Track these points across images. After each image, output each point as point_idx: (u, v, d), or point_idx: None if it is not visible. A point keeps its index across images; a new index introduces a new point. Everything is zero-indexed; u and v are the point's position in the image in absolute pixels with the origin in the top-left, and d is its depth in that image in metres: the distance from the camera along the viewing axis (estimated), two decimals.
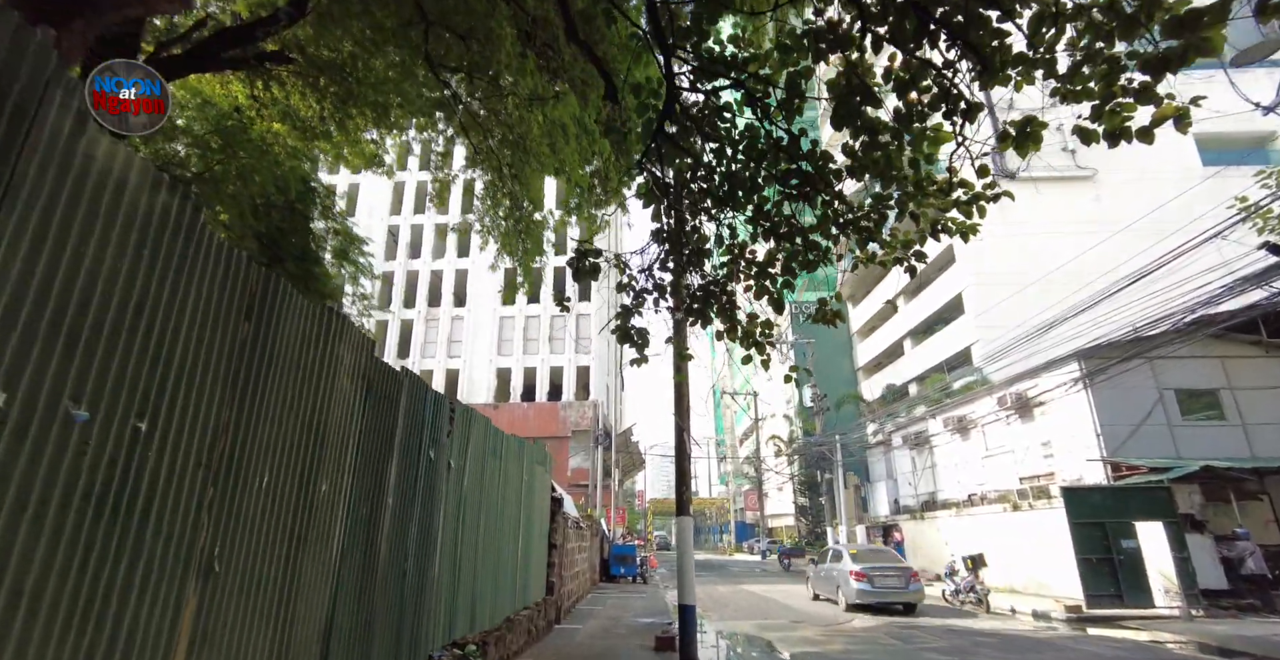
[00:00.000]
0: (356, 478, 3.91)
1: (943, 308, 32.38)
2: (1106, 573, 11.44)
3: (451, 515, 5.82)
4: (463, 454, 6.14)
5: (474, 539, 6.43)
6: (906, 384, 34.53)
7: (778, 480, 42.19)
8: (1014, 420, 17.29)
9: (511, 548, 8.01)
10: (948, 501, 20.71)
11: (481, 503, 6.74)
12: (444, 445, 5.61)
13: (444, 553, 5.57)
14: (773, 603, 14.78)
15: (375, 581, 4.18)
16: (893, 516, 24.64)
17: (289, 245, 9.67)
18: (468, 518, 6.25)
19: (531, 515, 9.17)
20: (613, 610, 12.24)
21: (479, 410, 6.91)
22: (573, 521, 12.21)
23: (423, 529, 5.03)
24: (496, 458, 7.37)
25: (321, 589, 3.48)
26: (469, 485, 6.31)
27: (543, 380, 32.35)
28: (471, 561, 6.36)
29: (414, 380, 4.87)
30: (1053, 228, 29.83)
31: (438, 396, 5.43)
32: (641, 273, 5.43)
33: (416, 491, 4.90)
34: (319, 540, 3.44)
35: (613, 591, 16.70)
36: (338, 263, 10.82)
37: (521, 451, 8.58)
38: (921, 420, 23.14)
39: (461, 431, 6.10)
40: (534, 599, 9.31)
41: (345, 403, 3.75)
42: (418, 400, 4.94)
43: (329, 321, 3.53)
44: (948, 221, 4.71)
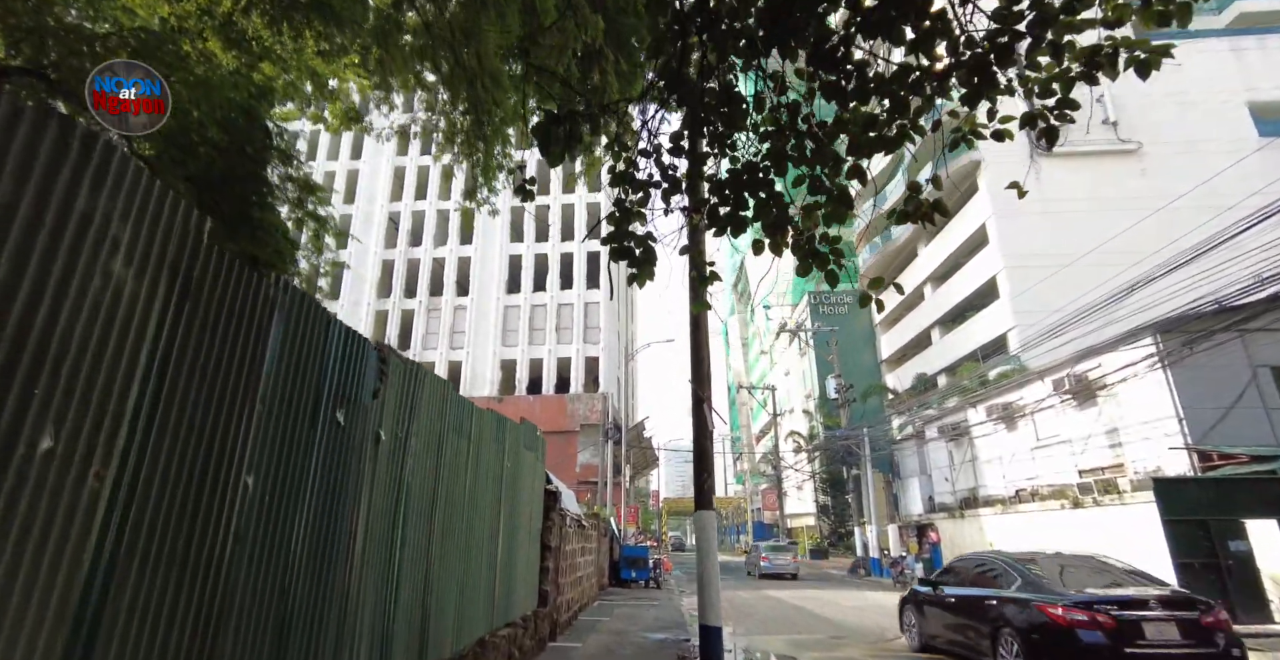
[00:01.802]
0: (154, 436, 2.28)
1: (973, 293, 30.45)
2: (1213, 580, 9.57)
3: (383, 508, 4.20)
4: (402, 424, 4.51)
5: (422, 539, 4.80)
6: (935, 375, 32.61)
7: (797, 478, 40.34)
8: (1072, 406, 15.41)
9: (487, 551, 6.38)
10: (991, 498, 18.84)
11: (438, 492, 5.12)
12: (367, 409, 3.98)
13: (368, 558, 3.94)
14: (804, 613, 13.03)
15: (213, 603, 2.55)
16: (927, 515, 22.77)
17: (236, 193, 8.10)
18: (412, 511, 4.62)
19: (518, 511, 7.53)
20: (620, 622, 10.58)
21: (482, 404, 5.31)
22: (573, 519, 10.56)
23: (322, 524, 3.40)
24: (462, 436, 5.74)
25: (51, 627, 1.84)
26: (415, 468, 4.68)
27: (549, 372, 30.79)
28: (420, 569, 4.74)
29: (302, 302, 3.22)
30: (1095, 205, 27.78)
31: (355, 336, 3.80)
32: (646, 155, 3.79)
33: (308, 470, 3.27)
34: (34, 540, 1.81)
35: (622, 598, 15.05)
36: (296, 215, 9.24)
37: (503, 432, 6.94)
38: (959, 410, 21.26)
39: (400, 393, 4.47)
40: (521, 612, 7.67)
41: (120, 303, 2.12)
42: (310, 332, 3.30)
43: (76, 153, 1.91)
44: (1118, 45, 2.95)
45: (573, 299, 31.60)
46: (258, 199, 7.96)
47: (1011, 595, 6.63)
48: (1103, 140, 28.25)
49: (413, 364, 4.72)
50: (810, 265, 3.48)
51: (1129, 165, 28.22)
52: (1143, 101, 28.34)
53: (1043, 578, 6.63)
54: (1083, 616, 5.76)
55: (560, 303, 31.66)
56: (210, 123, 7.00)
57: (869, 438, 23.71)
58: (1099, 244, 25.02)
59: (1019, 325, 26.37)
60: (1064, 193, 27.81)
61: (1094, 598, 5.97)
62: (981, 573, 7.53)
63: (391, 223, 34.32)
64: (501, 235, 33.24)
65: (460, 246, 33.50)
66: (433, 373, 5.03)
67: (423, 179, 35.19)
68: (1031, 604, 6.23)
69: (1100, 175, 28.05)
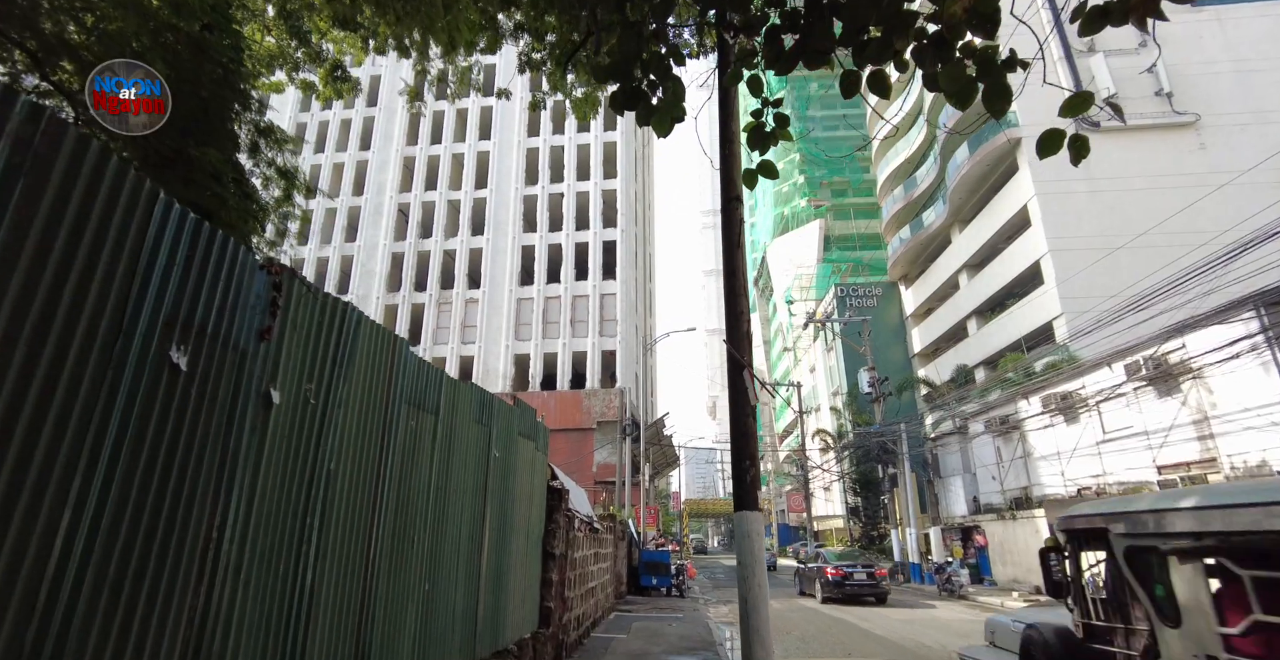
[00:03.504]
0: None
1: (1014, 280, 28.55)
2: None
3: (280, 503, 2.82)
4: (319, 384, 3.13)
5: (356, 547, 3.42)
6: (974, 368, 30.76)
7: (824, 479, 38.55)
8: (1149, 394, 13.64)
9: (466, 562, 4.99)
10: (1048, 498, 17.07)
11: (384, 485, 3.74)
12: (247, 355, 2.62)
13: (250, 577, 2.58)
14: (849, 628, 11.46)
15: None
16: (971, 517, 21.00)
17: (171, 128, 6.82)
18: (337, 509, 3.25)
19: (511, 511, 6.14)
20: (639, 641, 9.15)
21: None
22: (583, 522, 9.15)
23: (139, 525, 2.04)
24: (426, 411, 4.36)
25: None
26: (343, 449, 3.30)
27: (564, 366, 29.45)
28: (351, 589, 3.36)
29: (63, 133, 1.83)
30: (1147, 183, 25.77)
31: (214, 236, 2.43)
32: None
33: (106, 433, 1.91)
34: None
35: (642, 609, 13.60)
36: (257, 167, 7.95)
37: (489, 412, 5.56)
38: (1008, 402, 19.49)
39: (312, 339, 3.10)
40: (517, 636, 6.27)
41: None
42: (96, 198, 1.92)
43: None
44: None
45: (588, 290, 30.23)
46: (196, 135, 6.65)
47: (818, 566, 16.24)
48: (1155, 113, 26.24)
49: (336, 301, 3.34)
50: (952, 80, 2.00)
51: (1185, 139, 26.15)
52: (1200, 71, 26.29)
53: (829, 561, 15.98)
54: (834, 572, 15.16)
55: (575, 294, 30.31)
56: (156, 58, 5.78)
57: (906, 434, 22.00)
58: (1154, 225, 23.08)
59: (1066, 312, 24.51)
60: (1113, 171, 25.86)
61: (839, 565, 15.39)
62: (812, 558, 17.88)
63: (401, 214, 33.28)
64: (514, 225, 32.01)
65: (472, 237, 32.32)
66: (373, 320, 3.66)
67: (433, 168, 34.10)
68: (823, 568, 15.63)
69: (1153, 151, 26.03)
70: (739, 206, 5.04)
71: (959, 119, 30.03)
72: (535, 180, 33.19)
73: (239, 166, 7.56)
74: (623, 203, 32.09)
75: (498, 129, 34.34)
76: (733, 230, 5.00)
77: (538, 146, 33.68)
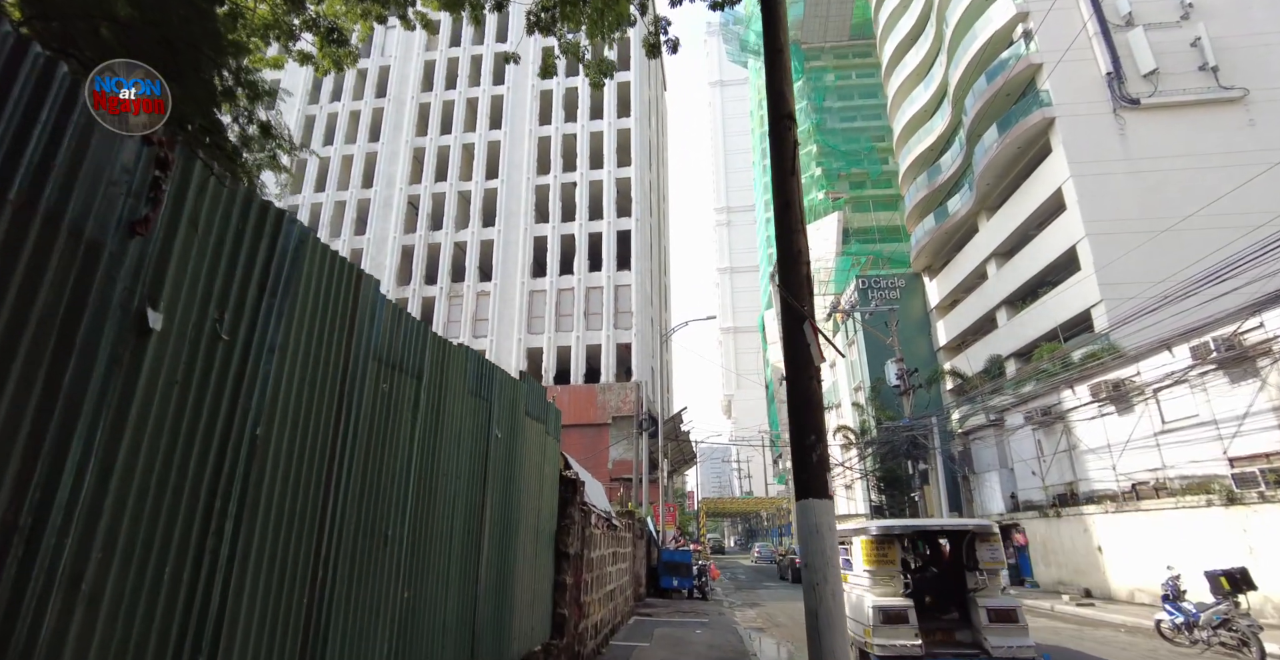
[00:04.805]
0: None
1: (1047, 268, 27.19)
2: None
3: (158, 468, 1.92)
4: (236, 313, 2.23)
5: (298, 546, 2.52)
6: (1005, 359, 29.46)
7: (846, 476, 37.36)
8: (1218, 380, 12.47)
9: (459, 563, 4.10)
10: (1097, 494, 15.91)
11: (344, 465, 2.85)
12: (114, 256, 1.74)
13: (111, 577, 1.69)
14: None
15: None
16: (1010, 514, 19.83)
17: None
18: (267, 495, 2.35)
19: (517, 503, 5.25)
20: (661, 651, 8.22)
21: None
22: (600, 517, 8.23)
23: None
24: (404, 373, 3.47)
25: None
26: (276, 411, 2.41)
27: (578, 360, 28.54)
28: (290, 600, 2.47)
29: None
30: (1191, 163, 24.33)
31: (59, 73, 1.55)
32: None
33: None
34: None
35: (663, 612, 12.68)
36: (236, 119, 7.12)
37: (488, 384, 4.66)
38: (1050, 392, 18.32)
39: (218, 244, 2.20)
40: (523, 649, 5.38)
41: None
42: None
43: None
44: None
45: (602, 282, 29.30)
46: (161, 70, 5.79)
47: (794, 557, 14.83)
48: (1200, 88, 24.78)
49: (266, 203, 2.44)
50: None
51: (1232, 116, 24.67)
52: (1249, 43, 24.81)
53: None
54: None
55: (589, 286, 29.39)
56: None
57: (938, 427, 20.87)
58: (1200, 206, 21.72)
59: (1106, 299, 23.21)
60: (1154, 150, 24.48)
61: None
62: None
63: (411, 206, 32.58)
64: (526, 215, 31.17)
65: (483, 229, 31.52)
66: (323, 244, 2.76)
67: (443, 158, 33.36)
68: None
69: (1197, 129, 24.58)
70: (792, 126, 4.10)
71: (986, 100, 28.82)
72: (547, 169, 32.32)
73: (217, 123, 6.74)
74: (637, 191, 31.14)
75: (509, 118, 33.52)
76: (785, 155, 4.06)
77: (549, 135, 32.82)
